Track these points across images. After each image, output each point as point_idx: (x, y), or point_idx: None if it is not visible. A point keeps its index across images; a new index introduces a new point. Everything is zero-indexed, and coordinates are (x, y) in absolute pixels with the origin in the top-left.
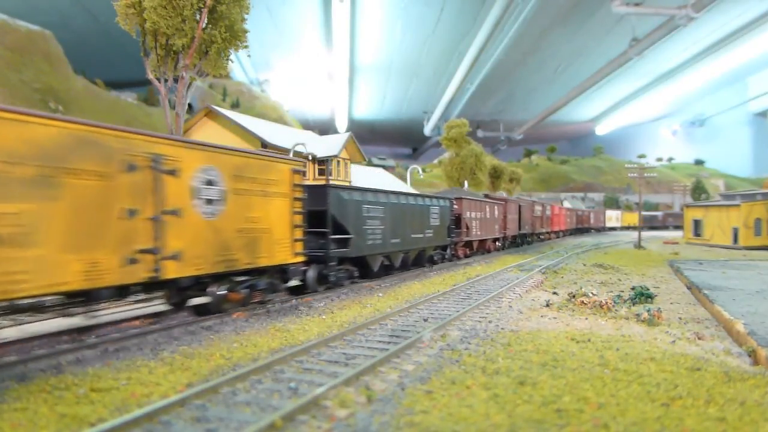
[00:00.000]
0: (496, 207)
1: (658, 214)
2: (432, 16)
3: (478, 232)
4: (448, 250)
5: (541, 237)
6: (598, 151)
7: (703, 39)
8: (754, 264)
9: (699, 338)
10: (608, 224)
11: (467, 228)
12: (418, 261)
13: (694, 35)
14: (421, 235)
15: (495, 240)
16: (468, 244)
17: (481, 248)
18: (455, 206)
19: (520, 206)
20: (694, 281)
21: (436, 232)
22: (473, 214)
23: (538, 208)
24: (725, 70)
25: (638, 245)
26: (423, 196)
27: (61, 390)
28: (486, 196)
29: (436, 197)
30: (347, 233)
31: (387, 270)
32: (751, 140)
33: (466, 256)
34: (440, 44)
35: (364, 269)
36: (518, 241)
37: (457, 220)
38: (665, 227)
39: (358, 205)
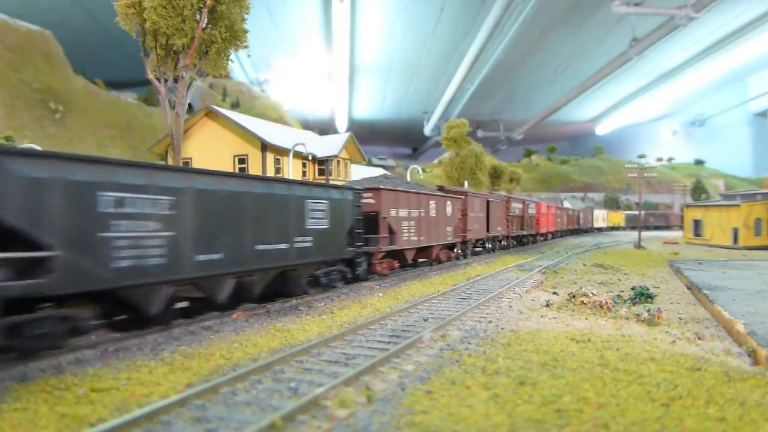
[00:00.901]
0: (449, 203)
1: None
2: (432, 16)
3: (415, 237)
4: (362, 266)
5: (523, 241)
6: (598, 151)
7: (703, 39)
8: (754, 264)
9: (699, 338)
10: (595, 224)
11: (391, 232)
12: (283, 286)
13: (694, 35)
14: (284, 246)
15: (450, 247)
16: (394, 255)
17: (423, 258)
18: (369, 200)
19: (488, 202)
20: (694, 281)
21: (324, 240)
22: (403, 213)
23: (516, 205)
24: (725, 70)
25: (638, 245)
26: (289, 182)
27: (61, 390)
28: (440, 188)
29: (323, 186)
30: (42, 247)
31: (202, 307)
32: (751, 140)
33: (393, 270)
34: (440, 44)
35: (132, 310)
36: (488, 247)
37: (374, 221)
38: (647, 227)
39: (87, 191)
